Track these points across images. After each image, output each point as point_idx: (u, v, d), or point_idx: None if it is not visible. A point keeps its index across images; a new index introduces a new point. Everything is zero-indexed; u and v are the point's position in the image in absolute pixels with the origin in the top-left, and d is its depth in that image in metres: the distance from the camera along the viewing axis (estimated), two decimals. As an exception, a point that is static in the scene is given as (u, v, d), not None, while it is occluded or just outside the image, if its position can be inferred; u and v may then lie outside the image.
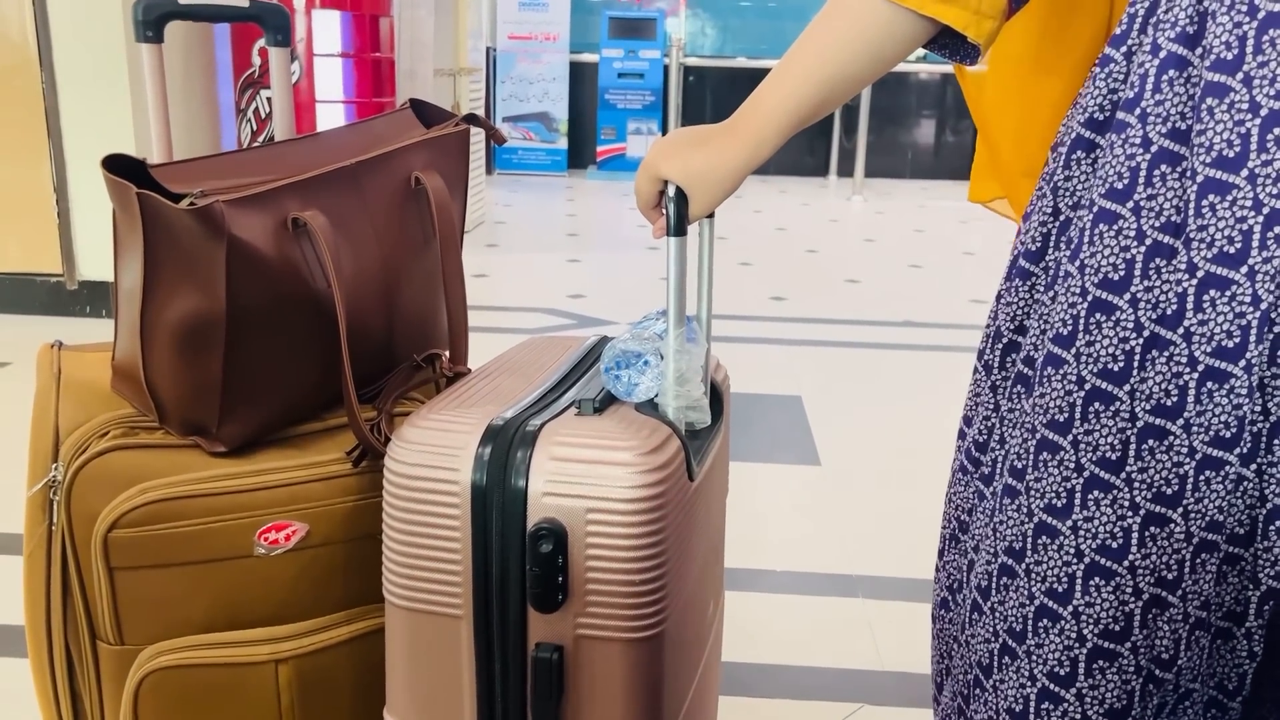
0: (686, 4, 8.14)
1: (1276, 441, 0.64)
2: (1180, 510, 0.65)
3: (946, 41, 0.77)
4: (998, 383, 0.78)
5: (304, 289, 0.92)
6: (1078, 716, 0.69)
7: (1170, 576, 0.66)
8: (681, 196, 0.81)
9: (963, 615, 0.79)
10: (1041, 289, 0.74)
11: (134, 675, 0.92)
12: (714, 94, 8.10)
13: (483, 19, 6.37)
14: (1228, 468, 0.64)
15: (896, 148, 8.23)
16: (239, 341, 0.90)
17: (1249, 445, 0.63)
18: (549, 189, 7.16)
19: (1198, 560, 0.66)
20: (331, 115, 3.61)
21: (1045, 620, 0.69)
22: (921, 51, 0.79)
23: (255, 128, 3.61)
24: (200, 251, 0.87)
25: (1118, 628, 0.67)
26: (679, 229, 0.82)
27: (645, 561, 0.78)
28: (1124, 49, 0.69)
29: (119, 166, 0.89)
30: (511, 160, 7.82)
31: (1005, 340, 0.77)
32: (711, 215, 0.88)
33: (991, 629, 0.74)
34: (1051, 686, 0.70)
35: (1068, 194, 0.72)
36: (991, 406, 0.79)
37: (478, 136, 4.84)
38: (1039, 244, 0.74)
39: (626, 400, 0.87)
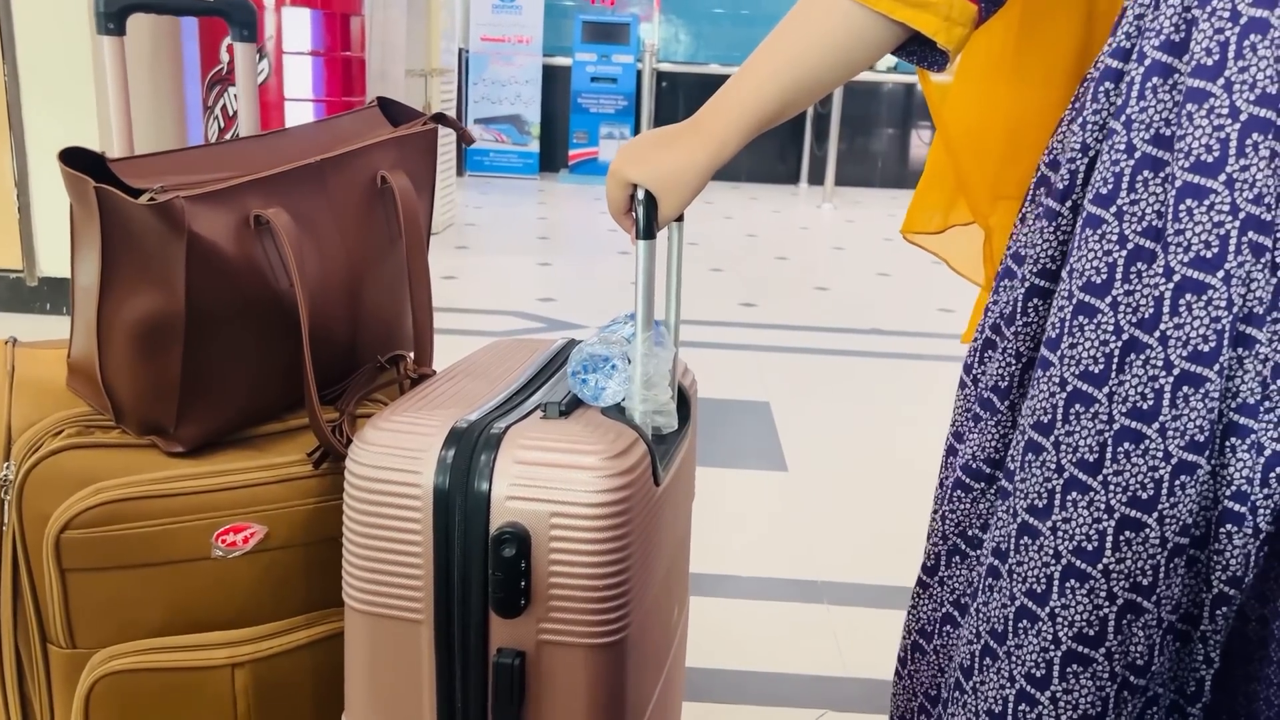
0: (660, 9, 8.15)
1: (1229, 443, 0.64)
2: (1155, 515, 0.65)
3: (915, 49, 0.77)
4: (1016, 401, 0.78)
5: (266, 288, 0.91)
6: None
7: (1145, 582, 0.66)
8: (650, 200, 0.81)
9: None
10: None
11: (86, 679, 0.90)
12: (686, 100, 8.11)
13: (455, 20, 6.34)
14: (1199, 471, 0.64)
15: (867, 157, 8.29)
16: (198, 340, 0.88)
17: (1214, 447, 0.64)
18: (520, 192, 7.14)
19: (1170, 565, 0.66)
20: (300, 114, 3.57)
21: (1024, 621, 0.70)
22: (893, 61, 0.79)
23: (223, 125, 3.57)
24: (160, 248, 0.85)
25: (1092, 632, 0.67)
26: (648, 232, 0.81)
27: (609, 566, 0.77)
28: (1131, 63, 0.69)
29: (77, 160, 0.88)
30: (483, 162, 7.79)
31: (1025, 359, 0.77)
32: (681, 219, 0.87)
33: (974, 630, 0.74)
34: (1028, 689, 0.70)
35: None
36: (1009, 424, 0.78)
37: (449, 137, 4.81)
38: (1056, 264, 0.74)
39: (593, 404, 0.87)
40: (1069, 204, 0.73)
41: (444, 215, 5.33)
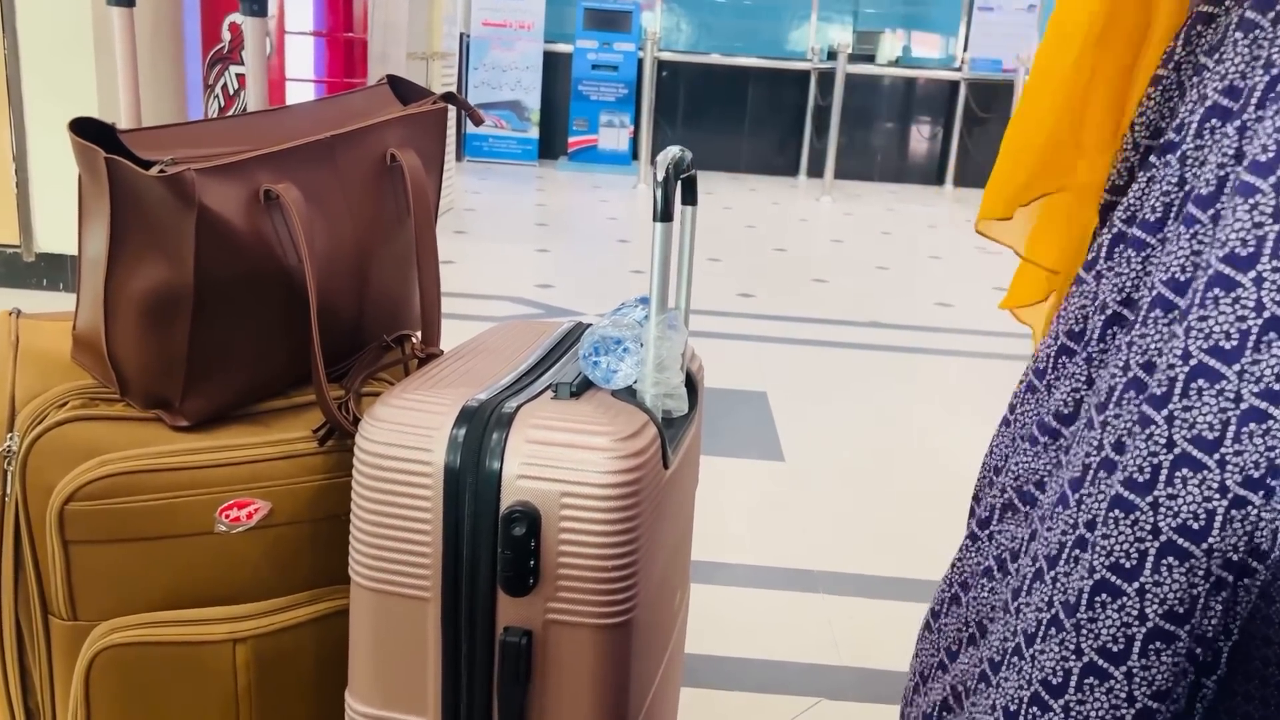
0: (662, -2, 8.13)
1: None
2: (1261, 494, 0.63)
3: None
4: (1093, 355, 0.76)
5: (274, 263, 0.90)
6: (1123, 695, 0.68)
7: (1236, 559, 0.64)
8: (671, 178, 0.80)
9: (1020, 582, 0.77)
10: (1156, 261, 0.72)
11: (86, 652, 0.90)
12: (688, 89, 8.09)
13: (457, 4, 6.31)
14: None
15: (866, 150, 8.28)
16: (206, 314, 0.88)
17: None
18: (519, 178, 7.12)
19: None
20: (301, 94, 3.56)
21: (1104, 595, 0.67)
22: (894, 55, 0.77)
23: (223, 104, 3.55)
24: (169, 221, 0.85)
25: (1182, 610, 0.65)
26: (665, 214, 0.81)
27: (618, 548, 0.77)
28: (1272, 14, 0.67)
29: (87, 131, 0.87)
30: (482, 148, 7.77)
31: (1110, 312, 0.75)
32: (695, 203, 0.87)
33: (1047, 598, 0.72)
34: (1100, 662, 0.68)
35: (1196, 163, 0.70)
36: (1083, 379, 0.76)
37: (449, 121, 4.79)
38: (1159, 214, 0.72)
39: (604, 387, 0.86)
40: (1175, 156, 0.70)
41: (443, 200, 5.31)
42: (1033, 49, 7.74)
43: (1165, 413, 0.65)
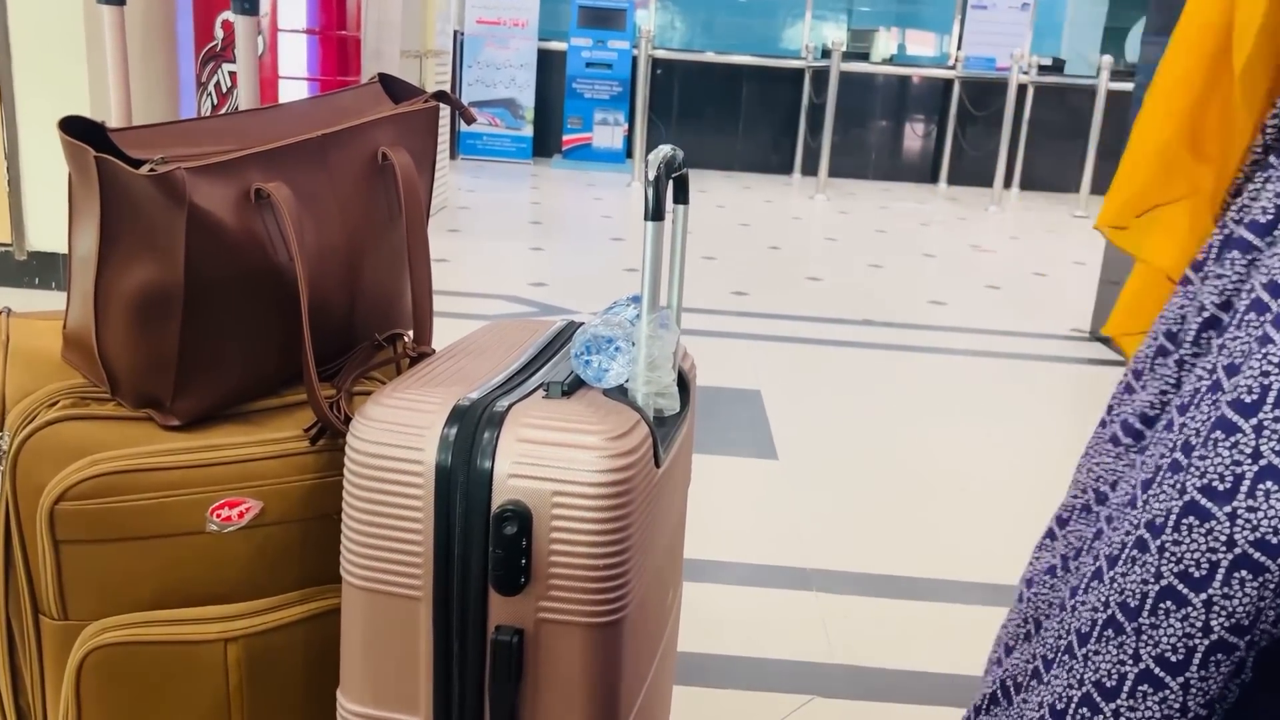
0: (657, -4, 8.12)
1: None
2: None
3: None
4: (1185, 357, 0.74)
5: (265, 262, 0.90)
6: (1177, 706, 0.66)
7: None
8: (662, 178, 0.80)
9: (1080, 581, 0.75)
10: (1261, 265, 0.70)
11: (77, 651, 0.90)
12: (682, 87, 8.09)
13: (451, 2, 6.30)
14: None
15: (860, 148, 8.29)
16: (196, 313, 0.88)
17: None
18: (513, 176, 7.11)
19: None
20: (294, 92, 3.55)
21: (1168, 603, 0.65)
22: (889, 53, 0.76)
23: (216, 102, 3.54)
24: (159, 220, 0.84)
25: (1246, 622, 0.64)
26: (656, 213, 0.81)
27: (610, 547, 0.77)
28: None
29: (76, 129, 0.87)
30: (476, 146, 7.76)
31: (1207, 315, 0.73)
32: (687, 203, 0.87)
33: (1104, 598, 0.70)
34: (1157, 671, 0.66)
35: None
36: (1173, 382, 0.75)
37: (443, 119, 4.78)
38: (1270, 216, 0.70)
39: (596, 386, 0.87)
40: None
41: (437, 198, 5.31)
42: (1026, 47, 7.76)
43: (1254, 421, 0.63)
